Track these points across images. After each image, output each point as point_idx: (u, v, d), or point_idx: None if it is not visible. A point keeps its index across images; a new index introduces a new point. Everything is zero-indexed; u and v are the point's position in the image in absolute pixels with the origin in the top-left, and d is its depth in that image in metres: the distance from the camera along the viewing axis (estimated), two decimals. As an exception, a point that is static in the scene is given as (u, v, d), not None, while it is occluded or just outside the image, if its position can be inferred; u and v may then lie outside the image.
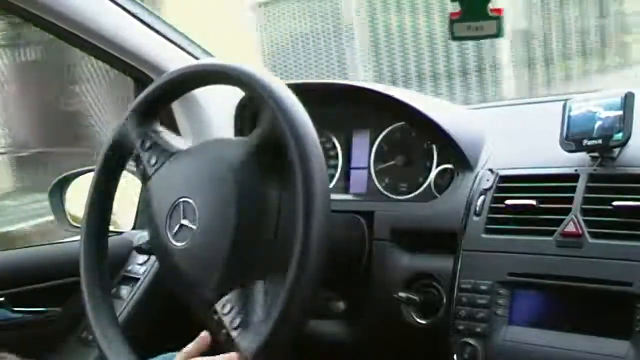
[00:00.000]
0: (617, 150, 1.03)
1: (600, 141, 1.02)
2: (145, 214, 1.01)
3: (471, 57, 3.80)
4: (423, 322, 1.16)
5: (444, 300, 1.13)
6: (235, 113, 1.45)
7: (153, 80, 1.26)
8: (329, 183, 1.25)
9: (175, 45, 1.42)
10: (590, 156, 1.05)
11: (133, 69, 1.39)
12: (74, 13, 1.25)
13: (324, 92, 1.34)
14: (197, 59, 1.42)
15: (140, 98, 0.97)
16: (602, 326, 0.96)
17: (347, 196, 1.35)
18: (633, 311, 0.93)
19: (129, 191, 1.42)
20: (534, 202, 1.05)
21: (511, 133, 1.25)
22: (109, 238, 1.01)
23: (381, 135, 1.34)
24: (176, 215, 0.88)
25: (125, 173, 1.02)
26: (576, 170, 1.05)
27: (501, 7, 0.85)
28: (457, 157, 1.20)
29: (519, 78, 3.71)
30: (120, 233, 1.47)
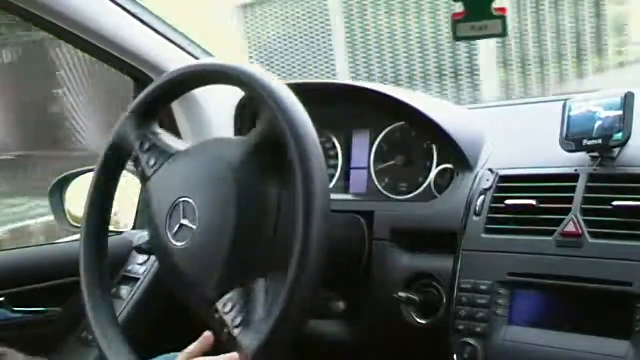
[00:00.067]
0: (617, 150, 1.04)
1: (600, 141, 1.02)
2: (145, 214, 1.01)
3: (455, 60, 3.81)
4: (423, 322, 1.16)
5: (444, 300, 1.13)
6: (235, 113, 1.45)
7: (153, 80, 1.26)
8: (329, 183, 1.26)
9: (175, 45, 1.42)
10: (590, 156, 1.05)
11: (133, 69, 1.40)
12: (74, 13, 1.25)
13: (324, 92, 1.34)
14: (197, 59, 1.43)
15: (139, 99, 0.97)
16: (602, 326, 0.96)
17: (347, 196, 1.35)
18: (633, 311, 0.93)
19: (129, 191, 1.43)
20: (534, 202, 1.05)
21: (511, 133, 1.25)
22: (109, 238, 1.01)
23: (381, 135, 1.34)
24: (176, 215, 0.88)
25: (125, 173, 1.02)
26: (576, 170, 1.05)
27: (505, 7, 0.85)
28: (457, 157, 1.20)
29: (508, 79, 3.72)
30: (120, 233, 1.47)
